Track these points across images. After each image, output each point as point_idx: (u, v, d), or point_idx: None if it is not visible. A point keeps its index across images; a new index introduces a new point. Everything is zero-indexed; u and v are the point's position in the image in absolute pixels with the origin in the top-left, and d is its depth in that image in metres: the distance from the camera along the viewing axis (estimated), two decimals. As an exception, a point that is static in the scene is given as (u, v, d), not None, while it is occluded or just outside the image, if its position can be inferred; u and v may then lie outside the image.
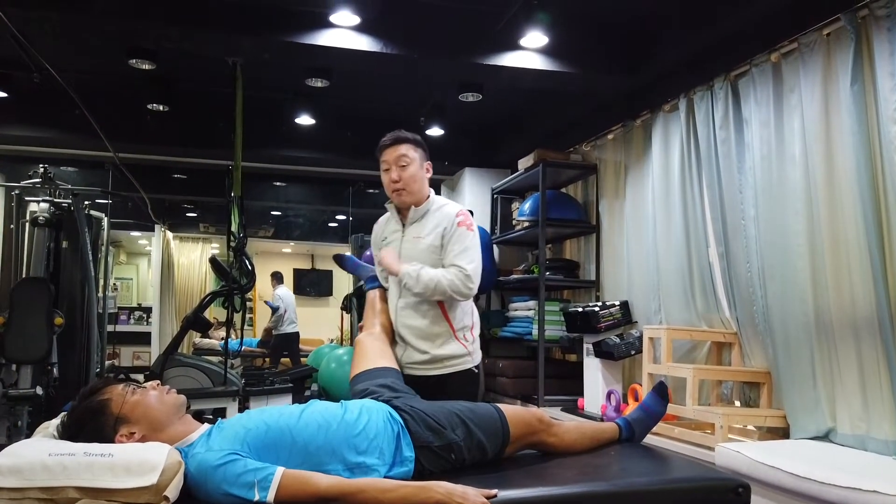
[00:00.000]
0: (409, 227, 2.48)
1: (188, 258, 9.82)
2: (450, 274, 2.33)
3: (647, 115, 4.15)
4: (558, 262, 5.06)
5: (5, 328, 3.81)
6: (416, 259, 2.41)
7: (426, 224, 2.45)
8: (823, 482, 2.22)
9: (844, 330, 2.79)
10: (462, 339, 2.43)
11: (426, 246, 2.41)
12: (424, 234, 2.43)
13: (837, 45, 2.86)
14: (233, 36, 3.65)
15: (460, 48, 3.84)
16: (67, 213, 4.38)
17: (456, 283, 2.32)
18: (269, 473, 1.47)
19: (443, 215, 2.44)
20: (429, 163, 2.51)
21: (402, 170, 2.41)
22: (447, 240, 2.40)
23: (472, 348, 2.48)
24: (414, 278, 2.33)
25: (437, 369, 2.40)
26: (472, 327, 2.50)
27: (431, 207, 2.48)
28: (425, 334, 2.40)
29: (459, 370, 2.42)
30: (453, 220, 2.41)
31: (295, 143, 5.68)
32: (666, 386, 2.36)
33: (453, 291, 2.33)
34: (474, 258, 2.39)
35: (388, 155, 2.45)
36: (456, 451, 1.80)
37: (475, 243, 2.44)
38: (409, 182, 2.42)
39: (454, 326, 2.41)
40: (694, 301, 3.68)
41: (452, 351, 2.41)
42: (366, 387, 2.06)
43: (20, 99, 4.83)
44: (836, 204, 2.83)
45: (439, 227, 2.41)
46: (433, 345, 2.39)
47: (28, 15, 3.34)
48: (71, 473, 1.37)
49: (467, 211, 2.50)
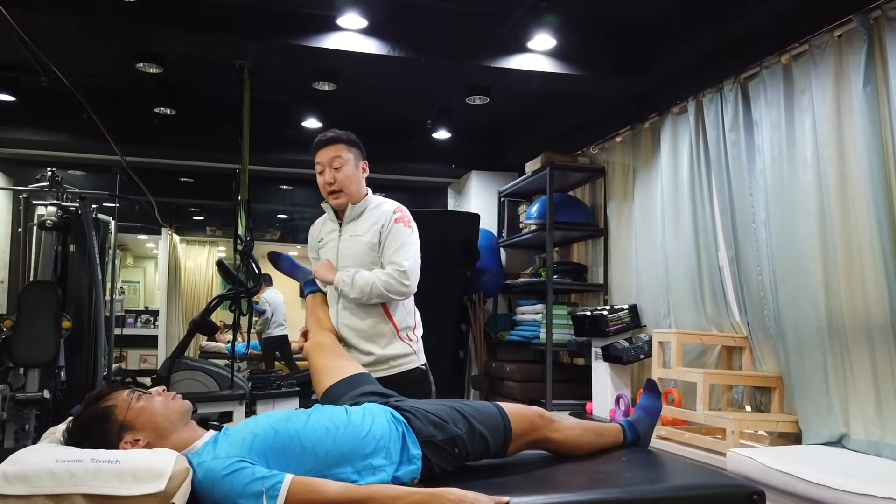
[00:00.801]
0: (347, 226, 2.43)
1: (195, 261, 9.83)
2: (384, 275, 2.28)
3: (656, 118, 4.13)
4: (566, 265, 5.04)
5: (13, 332, 3.82)
6: (354, 257, 2.37)
7: (364, 222, 2.40)
8: (837, 489, 2.19)
9: (858, 334, 2.76)
10: (406, 338, 2.38)
11: (364, 244, 2.36)
12: (362, 232, 2.37)
13: (849, 47, 2.83)
14: (240, 39, 3.65)
15: (467, 51, 3.83)
16: (75, 216, 4.38)
17: (391, 282, 2.27)
18: (277, 482, 1.45)
19: (380, 213, 2.39)
20: (365, 162, 2.46)
21: (337, 171, 2.36)
22: (384, 237, 2.34)
23: (417, 347, 2.42)
24: (349, 284, 2.29)
25: (384, 370, 2.34)
26: (415, 327, 2.45)
27: (369, 205, 2.43)
28: (368, 335, 2.35)
29: (406, 369, 2.37)
30: (390, 217, 2.36)
31: (302, 147, 5.61)
32: (655, 382, 2.33)
33: (389, 291, 2.28)
34: (411, 255, 2.33)
35: (322, 156, 2.39)
36: (459, 444, 1.79)
37: (413, 240, 2.38)
38: (345, 183, 2.37)
39: (398, 326, 2.36)
40: (704, 305, 3.65)
41: (397, 350, 2.35)
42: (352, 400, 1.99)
43: (28, 103, 4.84)
44: (848, 206, 2.80)
45: (377, 225, 2.36)
46: (377, 346, 2.34)
47: (36, 18, 3.34)
48: (78, 480, 1.35)
49: (405, 207, 2.45)
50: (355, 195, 2.40)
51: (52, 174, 4.53)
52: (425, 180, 6.35)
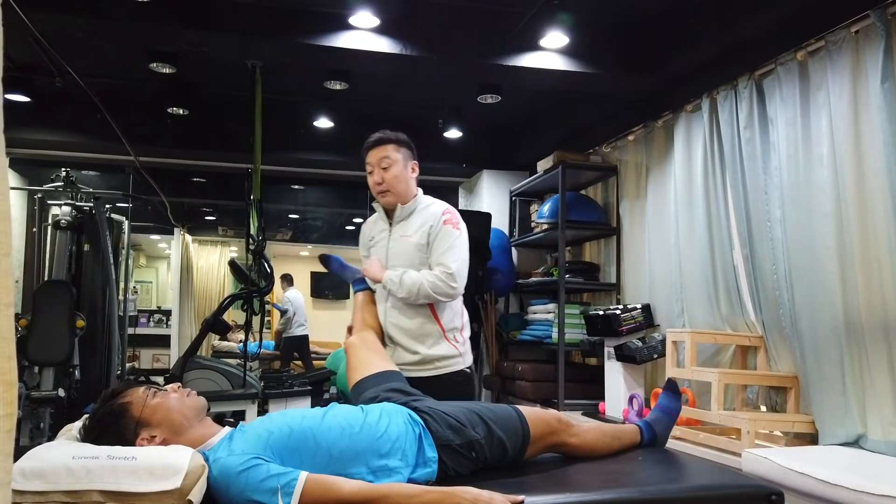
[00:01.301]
0: (396, 226, 2.46)
1: (207, 261, 9.87)
2: (432, 276, 2.30)
3: (669, 116, 4.10)
4: (578, 264, 5.02)
5: (28, 331, 3.84)
6: (403, 257, 2.39)
7: (412, 222, 2.43)
8: (855, 489, 2.17)
9: (875, 333, 2.73)
10: (452, 339, 2.40)
11: (413, 244, 2.38)
12: (411, 233, 2.40)
13: (867, 43, 2.80)
14: (252, 39, 3.66)
15: (479, 50, 3.82)
16: (89, 216, 4.42)
17: (438, 284, 2.29)
18: (292, 479, 1.45)
19: (429, 214, 2.42)
20: (415, 162, 2.49)
21: (385, 171, 2.39)
22: (433, 238, 2.37)
23: (463, 349, 2.44)
24: (396, 283, 2.31)
25: (429, 370, 2.36)
26: (462, 328, 2.47)
27: (418, 206, 2.46)
28: (415, 335, 2.37)
29: (451, 371, 2.38)
30: (439, 219, 2.38)
31: (313, 146, 5.68)
32: (676, 382, 2.31)
33: (436, 293, 2.30)
34: (459, 257, 2.35)
35: (372, 157, 2.43)
36: (477, 448, 1.78)
37: (461, 242, 2.40)
38: (393, 183, 2.40)
39: (444, 327, 2.38)
40: (718, 304, 3.62)
41: (444, 352, 2.37)
42: (375, 394, 2.02)
43: (42, 103, 4.87)
44: (865, 204, 2.77)
45: (425, 226, 2.39)
46: (423, 345, 2.36)
47: (50, 19, 3.37)
48: (94, 477, 1.36)
49: (454, 209, 2.47)
50: (404, 195, 2.43)
51: (66, 174, 4.57)
52: (436, 179, 6.35)
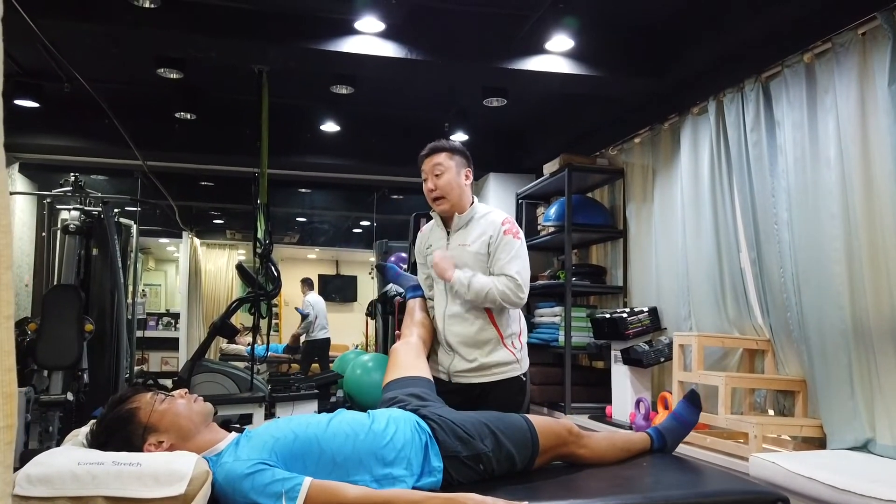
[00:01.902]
0: (454, 235, 2.48)
1: (215, 264, 9.92)
2: (500, 283, 2.33)
3: (676, 118, 4.09)
4: (585, 267, 5.00)
5: (37, 334, 3.87)
6: (462, 266, 2.41)
7: (471, 232, 2.45)
8: (864, 494, 2.15)
9: (884, 336, 2.71)
10: (510, 346, 2.42)
11: (472, 254, 2.41)
12: (470, 242, 2.43)
13: (874, 45, 2.79)
14: (259, 44, 3.67)
15: (485, 53, 3.82)
16: (97, 220, 4.44)
17: (507, 292, 2.32)
18: (296, 483, 1.46)
19: (488, 223, 2.44)
20: (469, 170, 2.52)
21: (437, 178, 2.43)
22: (494, 248, 2.40)
23: (521, 355, 2.47)
24: (465, 286, 2.34)
25: (485, 377, 2.38)
26: (520, 334, 2.50)
27: (475, 215, 2.48)
28: (474, 342, 2.39)
29: (507, 378, 2.41)
30: (499, 229, 2.41)
31: (320, 150, 5.70)
32: (698, 394, 2.30)
33: (504, 300, 2.33)
34: (523, 266, 2.40)
35: (425, 165, 2.48)
36: (485, 461, 1.77)
37: (523, 251, 2.44)
38: (446, 190, 2.43)
39: (502, 333, 2.40)
40: (725, 307, 3.61)
41: (501, 358, 2.40)
42: (395, 395, 2.03)
43: (51, 108, 4.91)
44: (873, 207, 2.75)
45: (485, 236, 2.41)
46: (481, 352, 2.39)
47: (59, 25, 3.39)
48: (100, 483, 1.37)
49: (512, 218, 2.50)
50: (458, 202, 2.46)
51: (75, 179, 4.61)
52: (443, 183, 6.35)
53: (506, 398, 2.31)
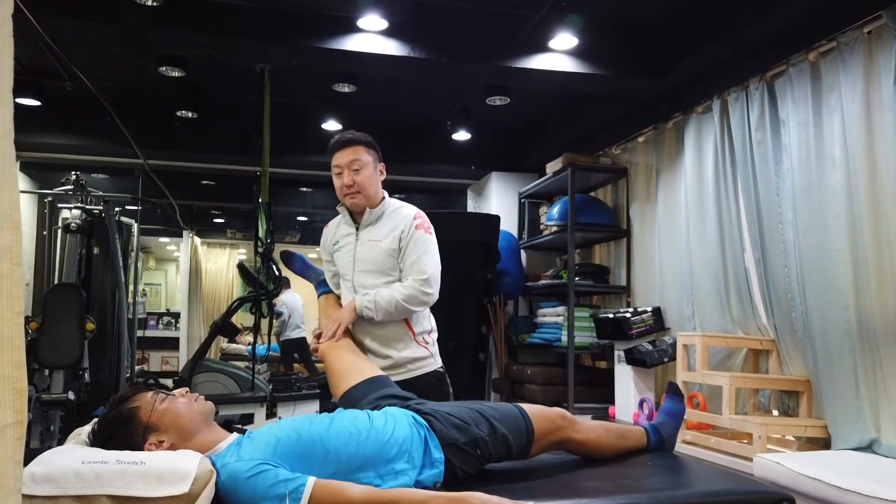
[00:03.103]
0: (364, 230, 2.40)
1: (216, 264, 9.91)
2: (404, 288, 2.27)
3: (680, 117, 4.08)
4: (588, 267, 5.00)
5: (38, 333, 3.86)
6: (372, 262, 2.34)
7: (382, 227, 2.37)
8: (868, 495, 2.14)
9: (889, 336, 2.70)
10: (422, 342, 2.37)
11: (383, 249, 2.34)
12: (381, 238, 2.35)
13: (879, 43, 2.78)
14: (261, 43, 3.66)
15: (488, 51, 3.81)
16: (99, 219, 4.44)
17: (414, 294, 2.26)
18: (300, 484, 1.45)
19: (400, 218, 2.37)
20: (382, 164, 2.44)
21: (356, 174, 2.33)
22: (405, 243, 2.32)
23: (433, 350, 2.41)
24: (372, 308, 2.27)
25: (402, 373, 2.32)
26: (431, 331, 2.44)
27: (387, 210, 2.41)
28: (385, 339, 2.33)
29: (424, 372, 2.35)
30: (411, 223, 2.33)
31: (322, 149, 5.62)
32: (676, 384, 2.29)
33: (412, 305, 2.27)
34: (433, 262, 2.33)
35: (340, 158, 2.36)
36: (482, 446, 1.78)
37: (434, 247, 2.36)
38: (364, 185, 2.34)
39: (414, 330, 2.35)
40: (729, 307, 3.60)
41: (415, 353, 2.34)
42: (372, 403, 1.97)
43: (53, 107, 4.90)
44: (878, 206, 2.75)
45: (396, 231, 2.34)
46: (394, 349, 2.33)
47: (61, 24, 3.38)
48: (104, 482, 1.36)
49: (423, 212, 2.42)
50: (373, 198, 2.38)
51: (76, 178, 4.60)
52: (445, 182, 6.35)
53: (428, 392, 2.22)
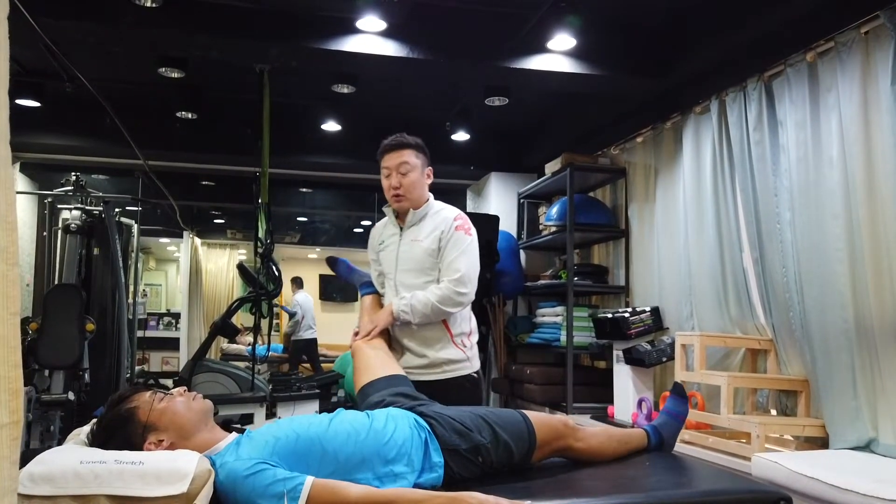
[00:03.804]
0: (407, 231, 2.45)
1: (216, 264, 9.91)
2: (439, 290, 2.30)
3: (678, 118, 4.09)
4: (587, 267, 5.00)
5: (38, 334, 3.87)
6: (413, 261, 2.39)
7: (423, 227, 2.42)
8: (866, 494, 2.14)
9: (886, 336, 2.71)
10: (460, 344, 2.39)
11: (423, 249, 2.38)
12: (422, 238, 2.40)
13: (877, 43, 2.78)
14: (260, 43, 3.67)
15: (487, 52, 3.82)
16: (99, 220, 4.45)
17: (447, 295, 2.28)
18: (298, 483, 1.45)
19: (441, 219, 2.41)
20: (430, 168, 2.48)
21: (403, 176, 2.39)
22: (444, 243, 2.36)
23: (471, 354, 2.43)
24: (409, 311, 2.30)
25: (436, 374, 2.35)
26: (470, 334, 2.46)
27: (430, 211, 2.45)
28: (423, 339, 2.37)
29: (459, 375, 2.38)
30: (451, 224, 2.38)
31: (321, 150, 5.70)
32: (682, 386, 2.30)
33: (447, 306, 2.29)
34: (471, 263, 2.36)
35: (390, 160, 2.42)
36: (483, 453, 1.78)
37: (472, 248, 2.40)
38: (410, 189, 2.39)
39: (452, 332, 2.38)
40: (728, 307, 3.60)
41: (451, 355, 2.36)
42: (381, 398, 2.01)
43: (52, 108, 4.91)
44: (876, 206, 2.75)
45: (436, 231, 2.38)
46: (431, 349, 2.36)
47: (60, 25, 3.39)
48: (102, 481, 1.36)
49: (465, 214, 2.47)
50: (417, 200, 2.43)
51: (76, 178, 4.61)
52: (444, 182, 6.35)
53: (459, 396, 2.27)
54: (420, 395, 2.07)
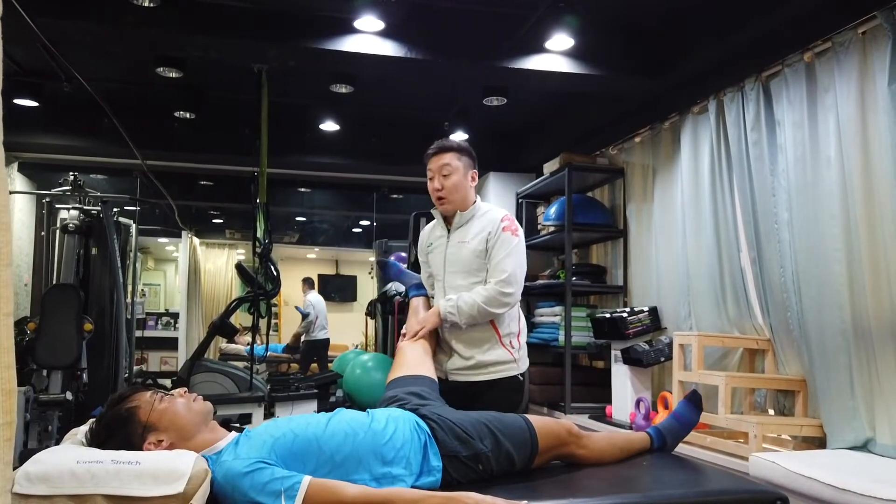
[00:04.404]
0: (454, 233, 2.48)
1: (214, 264, 9.91)
2: (485, 290, 2.33)
3: (676, 118, 4.09)
4: (585, 267, 5.00)
5: (36, 334, 3.87)
6: (461, 263, 2.42)
7: (470, 229, 2.45)
8: (864, 494, 2.15)
9: (884, 336, 2.71)
10: (508, 345, 2.41)
11: (470, 250, 2.41)
12: (469, 239, 2.43)
13: (874, 44, 2.79)
14: (258, 43, 3.67)
15: (485, 52, 3.82)
16: (97, 220, 4.44)
17: (493, 296, 2.31)
18: (295, 482, 1.46)
19: (487, 220, 2.44)
20: (475, 171, 2.51)
21: (445, 179, 2.42)
22: (491, 244, 2.39)
23: (519, 355, 2.46)
24: (455, 313, 2.33)
25: (482, 375, 2.38)
26: (519, 334, 2.49)
27: (477, 213, 2.48)
28: (471, 340, 2.39)
29: (504, 377, 2.40)
30: (498, 226, 2.40)
31: (320, 149, 5.70)
32: (699, 395, 2.29)
33: (492, 306, 2.32)
34: (518, 264, 2.38)
35: (433, 163, 2.46)
36: (484, 461, 1.77)
37: (519, 248, 2.42)
38: (451, 191, 2.43)
39: (500, 332, 2.40)
40: (725, 307, 3.61)
41: (498, 357, 2.39)
42: (395, 393, 2.03)
43: (50, 108, 4.91)
44: (873, 206, 2.75)
45: (483, 232, 2.41)
46: (479, 350, 2.38)
47: (58, 24, 3.39)
48: (99, 481, 1.36)
49: (512, 216, 2.49)
50: (461, 203, 2.46)
51: (74, 178, 4.60)
52: (443, 182, 6.34)
53: (502, 398, 2.30)
54: (433, 396, 2.07)
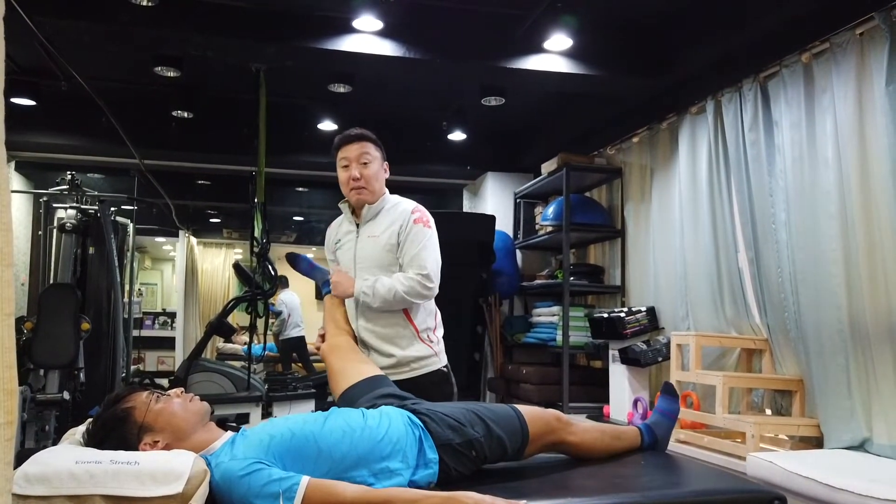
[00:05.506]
0: (364, 227, 2.39)
1: (212, 264, 9.90)
2: (406, 279, 2.24)
3: (674, 118, 4.10)
4: (583, 267, 5.01)
5: (33, 333, 3.85)
6: (371, 258, 2.33)
7: (381, 222, 2.37)
8: (860, 493, 2.15)
9: (881, 336, 2.72)
10: (427, 339, 2.35)
11: (382, 245, 2.32)
12: (379, 233, 2.34)
13: (871, 45, 2.79)
14: (256, 43, 3.67)
15: (483, 52, 3.82)
16: (94, 219, 4.43)
17: (414, 286, 2.23)
18: (294, 483, 1.45)
19: (398, 213, 2.36)
20: (387, 163, 2.44)
21: (364, 167, 2.33)
22: (403, 238, 2.31)
23: (438, 349, 2.38)
24: (370, 295, 2.25)
25: (405, 372, 2.30)
26: (436, 328, 2.41)
27: (386, 205, 2.40)
28: (388, 337, 2.32)
29: (428, 371, 2.33)
30: (409, 218, 2.31)
31: (317, 149, 5.69)
32: (672, 384, 2.30)
33: (412, 297, 2.24)
34: (432, 257, 2.30)
35: (350, 151, 2.35)
36: (477, 447, 1.79)
37: (433, 241, 2.34)
38: (370, 180, 2.34)
39: (417, 328, 2.33)
40: (723, 307, 3.61)
41: (419, 352, 2.32)
42: (369, 402, 1.98)
43: (48, 107, 4.89)
44: (870, 207, 2.76)
45: (394, 225, 2.33)
46: (397, 347, 2.31)
47: (56, 24, 3.38)
48: (98, 482, 1.36)
49: (423, 207, 2.41)
50: (377, 193, 2.38)
51: (71, 177, 4.59)
52: (441, 182, 6.36)
53: (433, 392, 2.23)
54: (406, 394, 2.05)
